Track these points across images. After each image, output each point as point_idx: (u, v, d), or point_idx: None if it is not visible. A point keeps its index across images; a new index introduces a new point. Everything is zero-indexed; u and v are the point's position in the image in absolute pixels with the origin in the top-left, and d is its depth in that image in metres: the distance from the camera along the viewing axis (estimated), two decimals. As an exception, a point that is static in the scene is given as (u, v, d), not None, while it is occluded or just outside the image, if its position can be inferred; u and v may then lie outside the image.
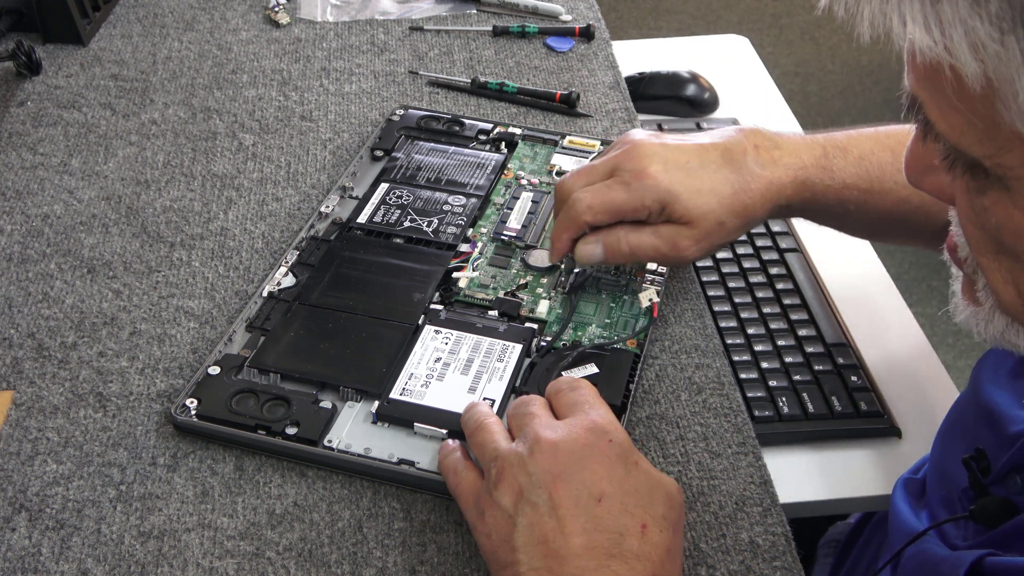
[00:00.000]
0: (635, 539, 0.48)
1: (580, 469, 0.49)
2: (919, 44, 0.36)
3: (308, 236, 0.72)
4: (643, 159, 0.63)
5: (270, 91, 0.90)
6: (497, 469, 0.50)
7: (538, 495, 0.49)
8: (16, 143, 0.83)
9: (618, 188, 0.63)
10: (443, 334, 0.64)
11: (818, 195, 0.65)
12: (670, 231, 0.63)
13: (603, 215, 0.63)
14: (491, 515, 0.50)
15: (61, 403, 0.62)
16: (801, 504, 0.74)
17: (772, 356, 0.82)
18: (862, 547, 0.78)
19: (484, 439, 0.53)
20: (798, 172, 0.65)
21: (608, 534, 0.48)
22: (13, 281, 0.70)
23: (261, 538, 0.54)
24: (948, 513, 0.61)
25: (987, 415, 0.61)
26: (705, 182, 0.63)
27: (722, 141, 0.65)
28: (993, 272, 0.45)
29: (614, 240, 0.63)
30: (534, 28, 0.98)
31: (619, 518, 0.48)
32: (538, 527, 0.48)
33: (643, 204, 0.62)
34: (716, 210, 0.62)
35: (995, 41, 0.34)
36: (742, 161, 0.64)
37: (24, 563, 0.53)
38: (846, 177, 0.66)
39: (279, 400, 0.59)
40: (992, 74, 0.35)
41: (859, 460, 0.76)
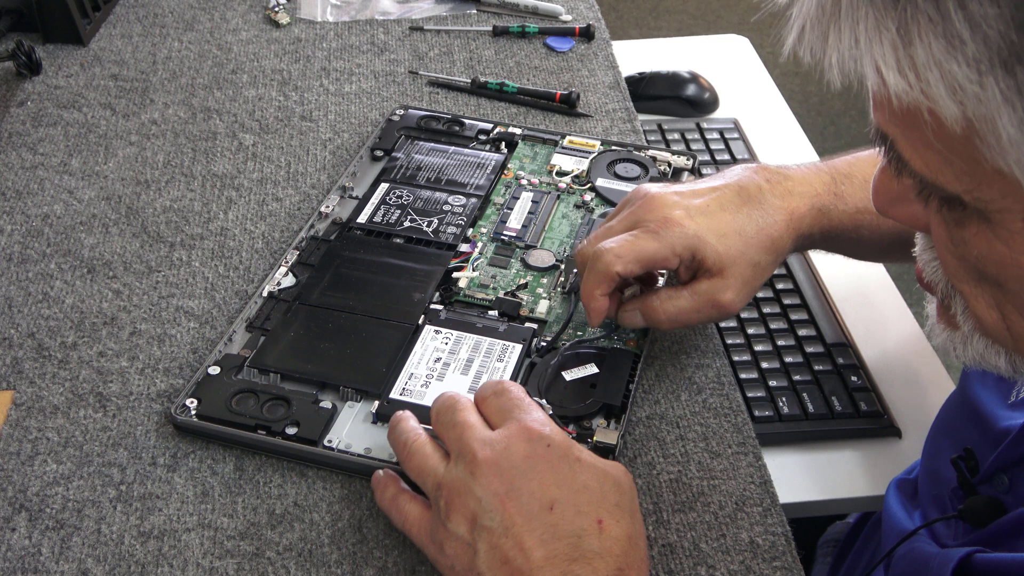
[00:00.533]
0: (594, 538, 0.48)
1: (527, 481, 0.49)
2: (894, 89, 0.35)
3: (308, 236, 0.72)
4: (664, 208, 0.60)
5: (270, 91, 0.90)
6: (445, 499, 0.50)
7: (491, 518, 0.48)
8: (16, 143, 0.83)
9: (646, 237, 0.60)
10: (443, 334, 0.64)
11: (835, 222, 0.65)
12: (707, 288, 0.60)
13: (633, 264, 0.59)
14: (450, 547, 0.49)
15: (61, 403, 0.62)
16: (801, 504, 0.74)
17: (772, 356, 0.82)
18: (861, 547, 0.78)
19: (420, 465, 0.52)
20: (814, 200, 0.64)
21: (566, 540, 0.48)
22: (13, 281, 0.70)
23: (261, 538, 0.54)
24: (939, 513, 0.61)
25: (975, 415, 0.61)
26: (729, 224, 0.61)
27: (734, 181, 0.63)
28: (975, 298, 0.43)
29: (650, 310, 0.61)
30: (534, 28, 0.98)
31: (574, 520, 0.48)
32: (498, 550, 0.48)
33: (674, 252, 0.59)
34: (746, 252, 0.60)
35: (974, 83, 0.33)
36: (759, 196, 0.62)
37: (24, 563, 0.53)
38: (857, 202, 0.65)
39: (279, 400, 0.59)
40: (972, 115, 0.34)
41: (859, 460, 0.77)
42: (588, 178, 0.77)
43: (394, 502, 0.53)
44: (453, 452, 0.52)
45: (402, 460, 0.54)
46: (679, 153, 0.80)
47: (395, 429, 0.55)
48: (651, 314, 0.61)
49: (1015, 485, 0.56)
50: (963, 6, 0.32)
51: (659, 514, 0.56)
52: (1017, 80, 0.32)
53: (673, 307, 0.60)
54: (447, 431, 0.53)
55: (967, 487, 0.58)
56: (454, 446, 0.52)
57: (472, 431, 0.52)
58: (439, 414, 0.54)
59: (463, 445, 0.51)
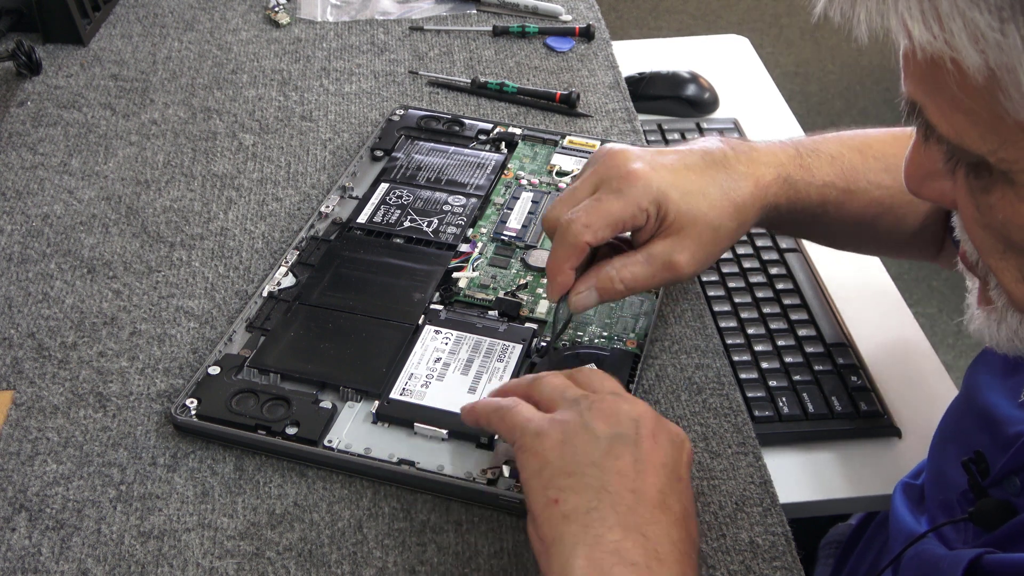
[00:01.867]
0: (694, 525, 0.49)
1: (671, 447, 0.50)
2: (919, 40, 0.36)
3: (308, 236, 0.72)
4: (626, 162, 0.59)
5: (270, 91, 0.90)
6: (592, 402, 0.50)
7: (632, 439, 0.49)
8: (16, 143, 0.83)
9: (610, 198, 0.58)
10: (443, 334, 0.64)
11: (801, 193, 0.64)
12: (662, 249, 0.59)
13: (603, 230, 0.58)
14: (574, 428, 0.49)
15: (61, 403, 0.62)
16: (801, 504, 0.74)
17: (772, 356, 0.82)
18: (864, 548, 0.78)
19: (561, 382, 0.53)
20: (779, 169, 0.63)
21: (680, 505, 0.48)
22: (13, 281, 0.70)
23: (261, 538, 0.54)
24: (947, 517, 0.61)
25: (984, 417, 0.61)
26: (693, 183, 0.59)
27: (699, 146, 0.63)
28: (1003, 271, 0.45)
29: (607, 280, 0.59)
30: (534, 28, 0.98)
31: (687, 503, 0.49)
32: (623, 461, 0.48)
33: (639, 207, 0.58)
34: (708, 213, 0.59)
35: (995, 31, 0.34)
36: (724, 161, 0.62)
37: (24, 563, 0.53)
38: (823, 175, 0.65)
39: (279, 400, 0.59)
40: (994, 64, 0.35)
41: (859, 460, 0.76)
42: (588, 178, 0.77)
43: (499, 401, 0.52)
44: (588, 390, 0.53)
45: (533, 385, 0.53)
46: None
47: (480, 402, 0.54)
48: (608, 284, 0.59)
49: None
50: None
51: (659, 514, 0.56)
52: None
53: (629, 273, 0.59)
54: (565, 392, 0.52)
55: (978, 490, 0.58)
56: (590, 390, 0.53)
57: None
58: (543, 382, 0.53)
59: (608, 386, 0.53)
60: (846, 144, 0.67)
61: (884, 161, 0.67)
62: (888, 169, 0.67)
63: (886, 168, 0.67)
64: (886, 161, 0.67)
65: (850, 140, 0.68)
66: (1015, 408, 0.58)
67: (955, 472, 0.60)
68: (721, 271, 0.90)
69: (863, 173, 0.66)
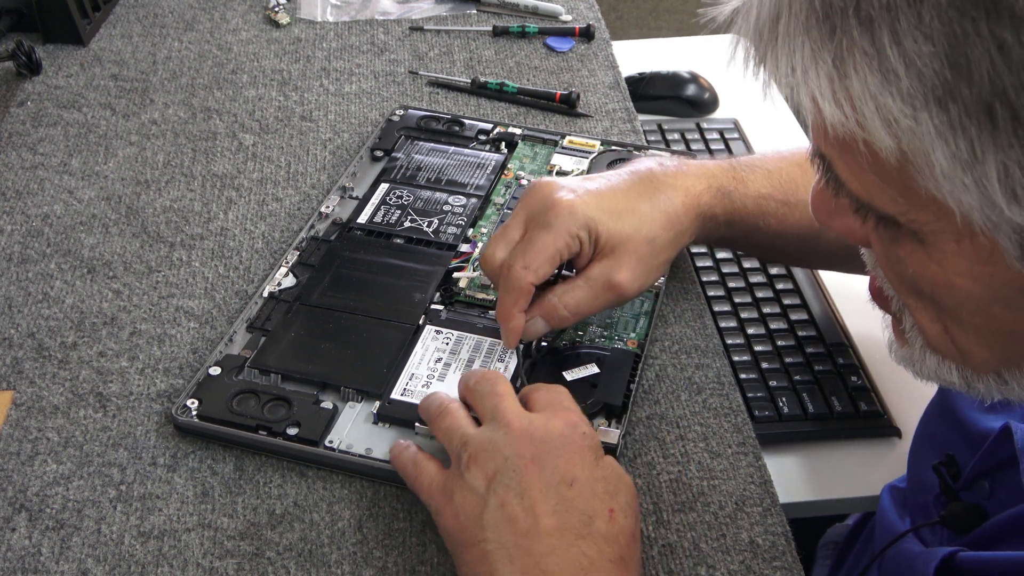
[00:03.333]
0: (603, 522, 0.49)
1: (554, 455, 0.50)
2: (830, 119, 0.35)
3: (308, 236, 0.72)
4: (551, 194, 0.59)
5: (270, 91, 0.90)
6: (469, 454, 0.51)
7: (510, 478, 0.49)
8: (16, 143, 0.83)
9: (541, 233, 0.58)
10: (444, 334, 0.64)
11: (737, 204, 0.64)
12: (600, 271, 0.59)
13: (543, 267, 0.58)
14: (460, 496, 0.50)
15: (61, 403, 0.62)
16: (801, 504, 0.74)
17: (772, 356, 0.82)
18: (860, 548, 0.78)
19: (451, 424, 0.53)
20: (710, 180, 0.63)
21: (578, 515, 0.49)
22: (13, 281, 0.70)
23: (261, 538, 0.54)
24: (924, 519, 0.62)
25: (954, 420, 0.61)
26: (620, 202, 0.60)
27: (627, 168, 0.63)
28: (919, 312, 0.44)
29: (551, 308, 0.59)
30: (534, 28, 0.98)
31: (589, 502, 0.49)
32: (508, 507, 0.49)
33: (571, 234, 0.58)
34: (641, 228, 0.59)
35: (908, 117, 0.33)
36: (651, 177, 0.62)
37: (24, 563, 0.53)
38: (759, 187, 0.65)
39: (280, 401, 0.59)
40: (907, 148, 0.34)
41: (859, 460, 0.77)
42: (588, 178, 0.77)
43: (413, 458, 0.54)
44: (487, 417, 0.53)
45: (433, 420, 0.55)
46: (679, 153, 0.80)
47: (429, 398, 0.56)
48: (552, 312, 0.59)
49: (996, 490, 0.56)
50: (898, 42, 0.32)
51: (659, 514, 0.56)
52: (950, 116, 0.32)
53: (572, 299, 0.59)
54: (484, 399, 0.54)
55: (949, 493, 0.58)
56: (489, 412, 0.53)
57: (511, 402, 0.53)
58: (477, 383, 0.55)
59: (499, 412, 0.52)
60: (786, 159, 0.67)
61: None
62: None
63: None
64: None
65: (790, 156, 0.68)
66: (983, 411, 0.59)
67: (930, 475, 0.61)
68: (721, 271, 0.90)
69: (803, 186, 0.66)
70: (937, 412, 0.64)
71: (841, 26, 0.34)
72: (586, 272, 0.60)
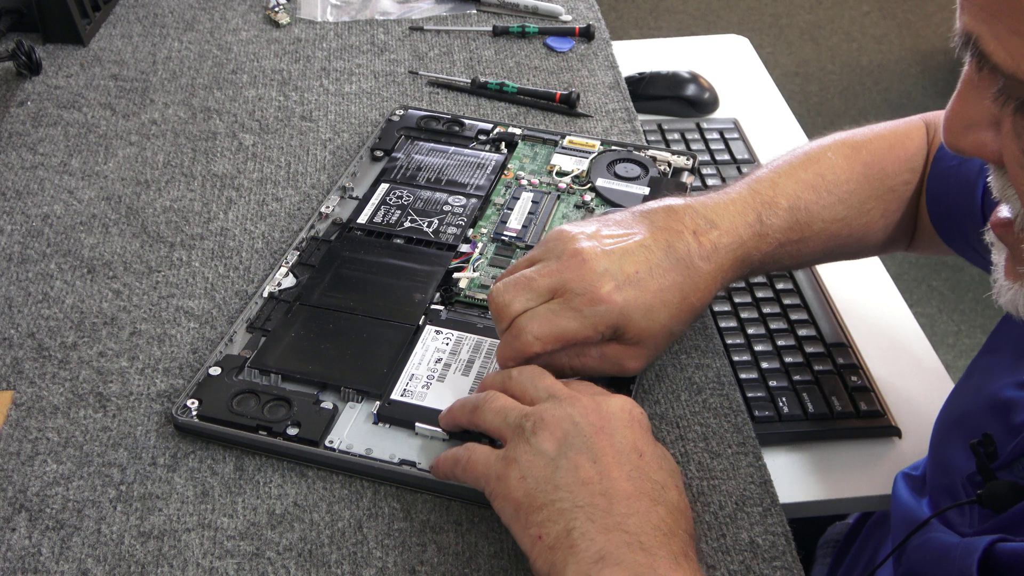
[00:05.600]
0: (674, 493, 0.50)
1: (621, 427, 0.51)
2: None
3: (308, 236, 0.72)
4: (594, 279, 0.56)
5: (270, 91, 0.90)
6: (534, 421, 0.51)
7: (582, 441, 0.50)
8: (16, 143, 0.83)
9: (568, 316, 0.56)
10: (444, 334, 0.64)
11: (755, 264, 0.64)
12: (617, 353, 0.58)
13: (553, 345, 0.56)
14: (527, 459, 0.50)
15: (61, 403, 0.62)
16: (801, 504, 0.74)
17: (772, 356, 0.82)
18: (860, 546, 0.78)
19: (504, 404, 0.53)
20: (738, 251, 0.62)
21: (652, 483, 0.50)
22: (13, 281, 0.70)
23: (261, 538, 0.55)
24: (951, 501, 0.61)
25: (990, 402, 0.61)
26: (655, 296, 0.58)
27: (663, 237, 0.60)
28: None
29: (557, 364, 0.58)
30: (534, 28, 0.98)
31: (658, 472, 0.50)
32: (583, 470, 0.49)
33: (596, 329, 0.56)
34: (667, 324, 0.58)
35: None
36: (687, 258, 0.59)
37: (24, 563, 0.53)
38: (780, 236, 0.64)
39: (280, 401, 0.59)
40: None
41: (859, 460, 0.77)
42: (588, 178, 0.77)
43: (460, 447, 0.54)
44: (543, 397, 0.53)
45: (481, 406, 0.54)
46: (679, 153, 0.80)
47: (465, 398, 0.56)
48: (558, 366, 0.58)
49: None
50: None
51: (659, 514, 0.56)
52: None
53: (580, 364, 0.59)
54: (534, 383, 0.54)
55: (986, 473, 0.58)
56: (544, 392, 0.53)
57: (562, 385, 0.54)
58: (520, 374, 0.55)
59: (556, 390, 0.53)
60: (801, 181, 0.66)
61: (837, 192, 0.67)
62: (842, 200, 0.67)
63: (840, 199, 0.67)
64: (839, 192, 0.67)
65: (804, 173, 0.67)
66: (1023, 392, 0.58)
67: (959, 457, 0.60)
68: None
69: (818, 214, 0.66)
70: (968, 396, 0.64)
71: None
72: (603, 348, 0.58)
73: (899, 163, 0.70)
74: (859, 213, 0.67)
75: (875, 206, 0.68)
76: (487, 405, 0.54)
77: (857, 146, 0.70)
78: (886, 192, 0.69)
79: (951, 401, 0.67)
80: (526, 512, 0.49)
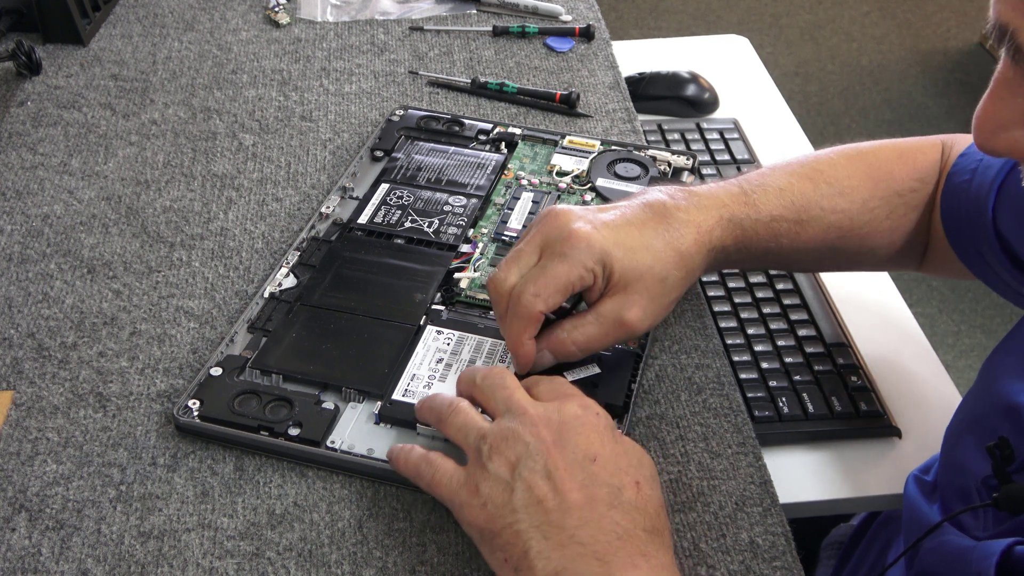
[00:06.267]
0: (632, 493, 0.50)
1: (574, 435, 0.51)
2: None
3: (309, 237, 0.72)
4: (568, 224, 0.58)
5: (270, 91, 0.90)
6: (489, 445, 0.51)
7: (535, 462, 0.50)
8: (16, 143, 0.83)
9: (555, 262, 0.57)
10: (445, 334, 0.64)
11: (748, 231, 0.64)
12: (611, 308, 0.58)
13: (553, 296, 0.57)
14: (486, 486, 0.50)
15: (61, 403, 0.62)
16: (801, 504, 0.74)
17: (772, 356, 0.82)
18: (866, 548, 0.78)
19: (464, 420, 0.54)
20: (722, 211, 0.63)
21: (606, 488, 0.50)
22: (13, 281, 0.70)
23: (261, 538, 0.55)
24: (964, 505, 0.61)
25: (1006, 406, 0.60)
26: (635, 238, 0.59)
27: (640, 199, 0.62)
28: None
29: (559, 343, 0.59)
30: (534, 28, 0.98)
31: (614, 475, 0.51)
32: (536, 489, 0.49)
33: (585, 267, 0.57)
34: (653, 267, 0.59)
35: None
36: (665, 212, 0.61)
37: (24, 563, 0.53)
38: (771, 209, 0.64)
39: (281, 401, 0.59)
40: None
41: (859, 460, 0.77)
42: (588, 178, 0.77)
43: (424, 458, 0.54)
44: (501, 410, 0.53)
45: (444, 419, 0.55)
46: (679, 153, 0.80)
47: (432, 399, 0.56)
48: (560, 347, 0.59)
49: None
50: None
51: (660, 514, 0.56)
52: None
53: (581, 335, 0.58)
54: (494, 393, 0.54)
55: (1002, 476, 0.58)
56: (502, 405, 0.53)
57: (522, 394, 0.54)
58: (484, 378, 0.55)
59: (513, 403, 0.53)
60: (795, 174, 0.67)
61: (837, 186, 0.66)
62: (843, 192, 0.66)
63: (840, 192, 0.66)
64: (839, 185, 0.67)
65: (800, 169, 0.67)
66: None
67: (973, 460, 0.60)
68: (721, 271, 0.90)
69: (815, 200, 0.66)
70: (983, 400, 0.64)
71: None
72: (597, 308, 0.59)
73: (907, 170, 0.69)
74: (862, 210, 0.67)
75: (879, 206, 0.68)
76: (450, 419, 0.54)
77: (863, 151, 0.69)
78: (891, 195, 0.68)
79: (964, 404, 0.67)
80: (490, 537, 0.50)
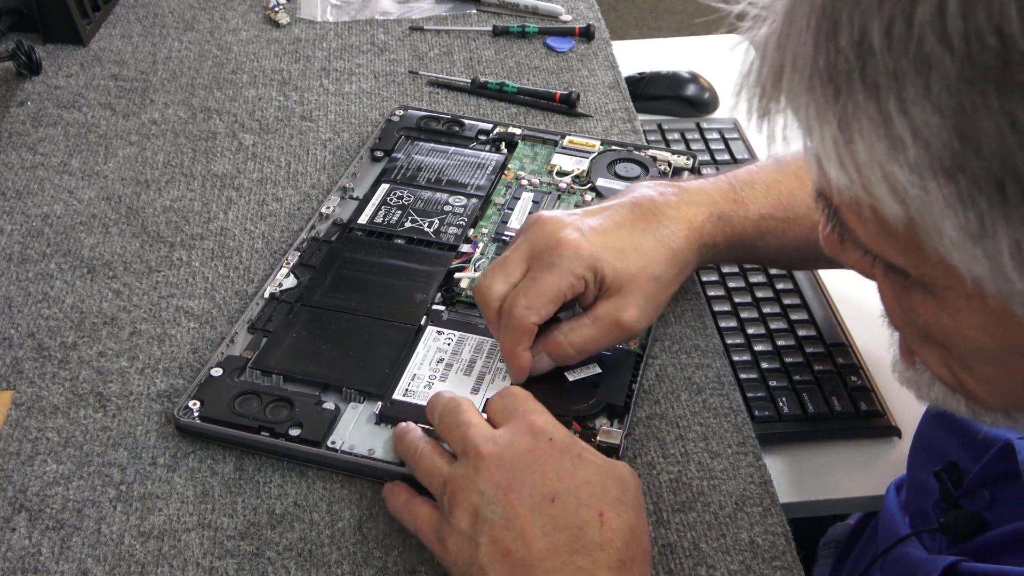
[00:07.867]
0: (595, 530, 0.49)
1: (529, 474, 0.50)
2: (835, 182, 0.34)
3: (309, 237, 0.72)
4: (555, 232, 0.58)
5: (270, 91, 0.90)
6: (448, 495, 0.51)
7: (493, 511, 0.49)
8: (16, 143, 0.83)
9: (544, 273, 0.57)
10: (445, 335, 0.64)
11: (737, 229, 0.64)
12: (607, 310, 0.58)
13: (545, 307, 0.57)
14: (452, 541, 0.50)
15: (61, 403, 0.62)
16: (801, 504, 0.74)
17: (772, 356, 0.82)
18: (862, 547, 0.78)
19: (427, 467, 0.53)
20: (711, 207, 0.63)
21: (567, 531, 0.48)
22: (13, 281, 0.70)
23: (261, 538, 0.54)
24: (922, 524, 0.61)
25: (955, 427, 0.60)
26: (625, 240, 0.59)
27: (627, 198, 0.62)
28: (928, 355, 0.42)
29: (557, 347, 0.59)
30: (534, 28, 0.98)
31: (576, 512, 0.49)
32: (500, 542, 0.48)
33: (575, 275, 0.57)
34: (646, 267, 0.58)
35: (915, 187, 0.31)
36: (654, 210, 0.61)
37: (24, 563, 0.53)
38: (760, 207, 0.64)
39: (282, 402, 0.59)
40: (915, 215, 0.32)
41: (859, 460, 0.77)
42: (588, 178, 0.77)
43: (406, 506, 0.54)
44: (458, 450, 0.53)
45: (412, 467, 0.55)
46: (679, 153, 0.80)
47: (403, 440, 0.56)
48: (558, 350, 0.59)
49: (997, 501, 0.56)
50: (905, 111, 0.31)
51: (659, 514, 0.56)
52: (959, 188, 0.31)
53: (579, 338, 0.58)
54: (451, 431, 0.53)
55: (949, 500, 0.58)
56: (458, 445, 0.53)
57: (475, 428, 0.52)
58: (442, 415, 0.54)
59: (467, 443, 0.52)
60: (783, 171, 0.66)
61: None
62: None
63: None
64: None
65: (787, 166, 0.67)
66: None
67: (929, 479, 0.60)
68: (721, 271, 0.90)
69: (802, 198, 0.65)
70: (936, 418, 0.64)
71: (846, 90, 0.32)
72: (593, 311, 0.59)
73: None
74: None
75: None
76: (416, 466, 0.54)
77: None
78: None
79: (922, 425, 0.67)
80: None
